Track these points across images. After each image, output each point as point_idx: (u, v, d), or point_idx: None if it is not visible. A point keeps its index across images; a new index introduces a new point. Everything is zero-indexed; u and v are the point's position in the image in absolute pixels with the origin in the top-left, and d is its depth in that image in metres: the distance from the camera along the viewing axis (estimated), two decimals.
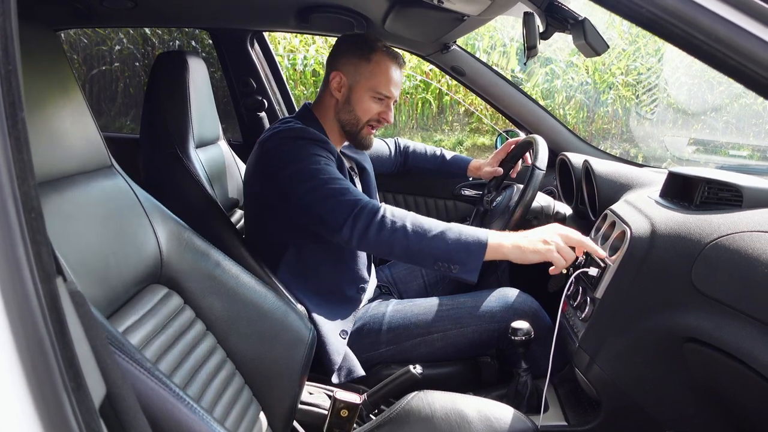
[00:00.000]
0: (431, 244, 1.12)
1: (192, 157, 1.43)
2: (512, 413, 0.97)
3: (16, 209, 0.34)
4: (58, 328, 0.35)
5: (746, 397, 0.85)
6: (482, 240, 1.11)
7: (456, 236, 1.12)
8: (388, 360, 1.33)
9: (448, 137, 5.75)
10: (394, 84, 1.39)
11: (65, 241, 0.74)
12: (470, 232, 1.13)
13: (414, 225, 1.14)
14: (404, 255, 1.14)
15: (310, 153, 1.26)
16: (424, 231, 1.13)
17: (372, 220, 1.15)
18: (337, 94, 1.40)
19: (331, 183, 1.22)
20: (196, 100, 1.49)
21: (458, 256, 1.11)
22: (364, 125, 1.41)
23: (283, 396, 1.00)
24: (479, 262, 1.11)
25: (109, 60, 5.44)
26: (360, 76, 1.37)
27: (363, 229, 1.15)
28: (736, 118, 5.45)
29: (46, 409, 0.32)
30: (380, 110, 1.40)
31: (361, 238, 1.16)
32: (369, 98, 1.38)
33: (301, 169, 1.24)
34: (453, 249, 1.11)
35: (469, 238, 1.12)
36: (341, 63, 1.39)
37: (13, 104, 0.34)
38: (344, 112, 1.40)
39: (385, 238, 1.14)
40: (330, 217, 1.19)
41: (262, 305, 1.02)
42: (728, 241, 0.86)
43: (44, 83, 0.76)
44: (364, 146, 1.45)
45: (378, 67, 1.37)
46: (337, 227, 1.18)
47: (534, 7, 1.09)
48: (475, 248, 1.11)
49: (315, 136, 1.31)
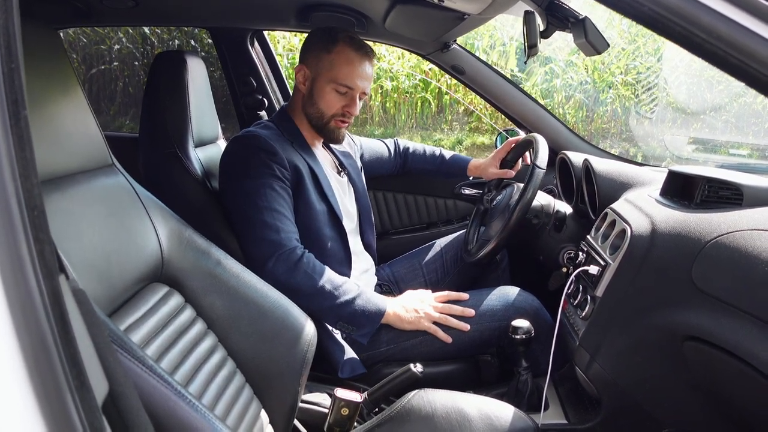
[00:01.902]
0: (341, 307, 1.24)
1: (191, 157, 1.43)
2: (513, 411, 0.97)
3: (19, 207, 0.34)
4: (61, 325, 0.35)
5: (746, 395, 0.85)
6: (382, 308, 1.28)
7: (363, 303, 1.26)
8: (388, 359, 1.33)
9: (448, 136, 5.75)
10: (358, 76, 1.36)
11: (67, 239, 0.74)
12: (375, 300, 1.29)
13: (333, 285, 1.25)
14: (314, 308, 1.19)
15: (259, 168, 1.28)
16: (339, 294, 1.25)
17: (296, 266, 1.23)
18: (303, 88, 1.40)
19: (266, 214, 1.25)
20: (195, 99, 1.49)
21: (358, 320, 1.26)
22: (330, 119, 1.39)
23: (284, 394, 1.00)
24: (374, 328, 1.28)
25: (109, 59, 5.44)
26: (321, 68, 1.36)
27: (284, 272, 1.22)
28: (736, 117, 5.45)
29: (49, 407, 0.32)
30: (344, 103, 1.38)
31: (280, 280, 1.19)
32: (331, 90, 1.36)
33: (243, 187, 1.28)
34: (357, 314, 1.25)
35: (372, 308, 1.27)
36: (306, 56, 1.40)
37: (15, 102, 0.35)
38: (309, 106, 1.40)
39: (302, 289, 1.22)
40: (253, 249, 1.25)
41: (263, 304, 1.02)
42: (728, 240, 0.86)
43: (46, 82, 0.76)
44: (334, 140, 1.45)
45: (338, 58, 1.35)
46: (258, 261, 1.23)
47: (534, 5, 1.09)
48: (374, 316, 1.28)
49: (267, 146, 1.30)
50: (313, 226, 1.35)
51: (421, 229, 2.17)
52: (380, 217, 2.13)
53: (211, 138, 1.65)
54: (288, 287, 1.18)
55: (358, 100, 1.41)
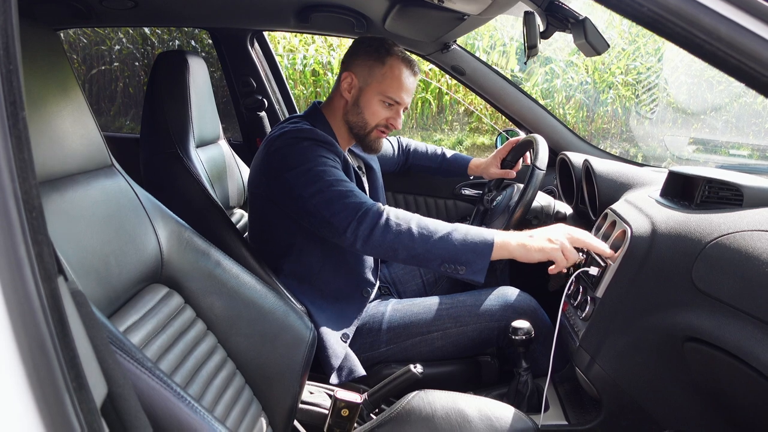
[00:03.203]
0: (438, 246, 1.11)
1: (192, 157, 1.43)
2: (513, 412, 0.97)
3: (17, 209, 0.33)
4: (60, 327, 0.35)
5: (746, 396, 0.85)
6: (488, 240, 1.11)
7: (462, 237, 1.11)
8: (388, 359, 1.33)
9: (448, 137, 5.75)
10: (406, 90, 1.37)
11: (66, 241, 0.74)
12: (476, 232, 1.13)
13: (419, 227, 1.13)
14: (410, 257, 1.13)
15: (317, 155, 1.25)
16: (430, 233, 1.12)
17: (376, 223, 1.14)
18: (347, 95, 1.38)
19: (336, 185, 1.21)
20: (196, 99, 1.49)
21: (465, 257, 1.10)
22: (373, 129, 1.39)
23: (284, 395, 1.00)
24: (486, 263, 1.10)
25: (109, 60, 5.44)
26: (372, 79, 1.35)
27: (367, 231, 1.14)
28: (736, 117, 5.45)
29: (47, 409, 0.32)
30: (389, 116, 1.38)
31: (365, 241, 1.15)
32: (378, 102, 1.36)
33: (306, 170, 1.23)
34: (460, 250, 1.10)
35: (475, 239, 1.11)
36: (355, 64, 1.38)
37: (14, 103, 0.34)
38: (352, 114, 1.38)
39: (390, 241, 1.13)
40: (334, 220, 1.18)
41: (263, 305, 1.02)
42: (729, 241, 0.86)
43: (45, 83, 0.76)
44: (373, 150, 1.43)
45: (391, 71, 1.35)
46: (341, 230, 1.17)
47: (534, 6, 1.09)
48: (481, 248, 1.10)
49: (322, 137, 1.29)
50: None
51: None
52: None
53: (213, 138, 1.65)
54: (376, 244, 1.14)
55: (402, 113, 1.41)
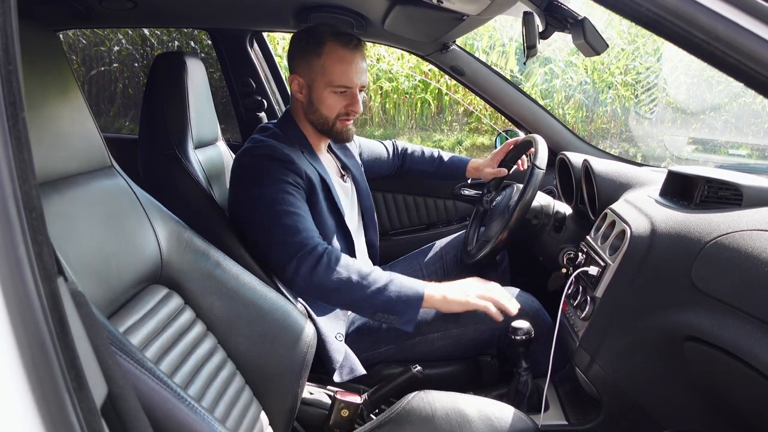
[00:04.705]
0: (374, 297, 1.16)
1: (191, 158, 1.43)
2: (513, 412, 0.97)
3: (17, 209, 0.34)
4: (60, 328, 0.35)
5: (746, 395, 0.85)
6: (420, 292, 1.18)
7: (397, 289, 1.17)
8: (388, 359, 1.33)
9: (448, 137, 5.75)
10: (354, 72, 1.32)
11: (66, 241, 0.74)
12: (409, 285, 1.19)
13: (360, 276, 1.18)
14: (346, 304, 1.17)
15: (274, 177, 1.25)
16: (368, 283, 1.17)
17: (316, 266, 1.17)
18: (300, 97, 1.37)
19: (284, 218, 1.21)
20: (194, 101, 1.49)
21: (398, 307, 1.17)
22: (335, 121, 1.37)
23: (284, 396, 1.00)
24: (416, 314, 1.17)
25: (108, 61, 5.44)
26: (314, 74, 1.32)
27: (308, 271, 1.17)
28: (735, 117, 5.45)
29: (47, 409, 0.32)
30: (346, 103, 1.35)
31: (304, 281, 1.17)
32: (329, 94, 1.33)
33: (261, 194, 1.25)
34: (394, 301, 1.16)
35: (408, 291, 1.18)
36: (295, 64, 1.35)
37: (13, 104, 0.34)
38: (311, 113, 1.37)
39: (329, 286, 1.17)
40: (274, 253, 1.22)
41: (263, 305, 1.02)
42: (728, 240, 0.86)
43: (44, 84, 0.76)
44: (343, 139, 1.42)
45: (329, 60, 1.30)
46: (280, 264, 1.20)
47: (533, 6, 1.09)
48: (413, 301, 1.17)
49: (281, 155, 1.28)
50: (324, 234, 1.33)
51: (421, 230, 2.17)
52: (380, 218, 2.13)
53: (211, 139, 1.65)
54: (314, 287, 1.17)
55: (359, 95, 1.38)
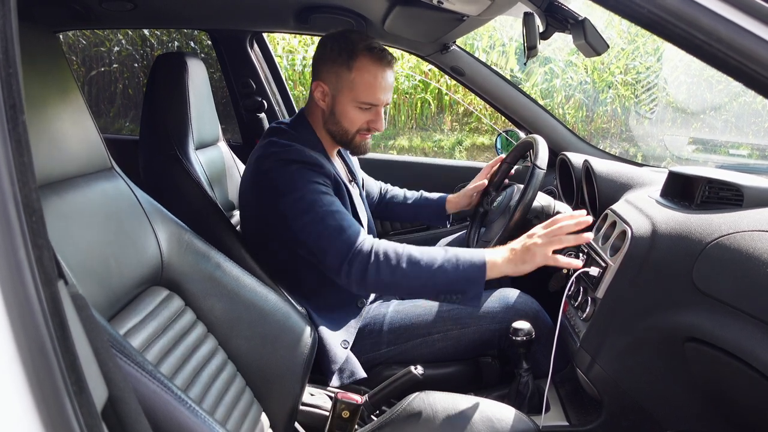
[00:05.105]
0: (432, 280, 1.11)
1: (191, 159, 1.43)
2: (513, 413, 0.97)
3: (17, 212, 0.33)
4: (60, 331, 0.35)
5: (747, 396, 0.85)
6: (478, 264, 1.10)
7: (454, 266, 1.10)
8: (389, 360, 1.33)
9: (448, 137, 5.75)
10: (382, 89, 1.28)
11: (66, 244, 0.74)
12: (467, 257, 1.11)
13: (411, 262, 1.12)
14: (406, 294, 1.13)
15: (307, 180, 1.21)
16: (422, 268, 1.11)
17: (368, 264, 1.13)
18: (322, 104, 1.32)
19: (328, 219, 1.18)
20: (195, 101, 1.49)
21: (459, 286, 1.10)
22: (355, 135, 1.33)
23: (285, 397, 1.00)
24: (480, 289, 1.10)
25: (108, 61, 5.44)
26: (342, 86, 1.27)
27: (360, 274, 1.14)
28: (736, 116, 5.45)
29: (48, 413, 0.32)
30: (369, 118, 1.31)
31: (359, 283, 1.14)
32: (354, 108, 1.29)
33: (298, 198, 1.20)
34: (453, 280, 1.10)
35: (466, 265, 1.10)
36: (322, 71, 1.30)
37: (13, 107, 0.34)
38: (331, 123, 1.33)
39: (384, 281, 1.13)
40: (326, 259, 1.18)
41: (264, 307, 1.01)
42: (729, 241, 0.86)
43: (44, 85, 0.76)
44: (361, 152, 1.39)
45: (360, 76, 1.26)
46: (334, 270, 1.16)
47: (534, 7, 1.09)
48: (474, 275, 1.09)
49: (310, 159, 1.24)
50: None
51: (422, 230, 2.17)
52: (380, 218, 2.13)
53: (212, 140, 1.65)
54: (369, 287, 1.15)
55: (383, 112, 1.33)
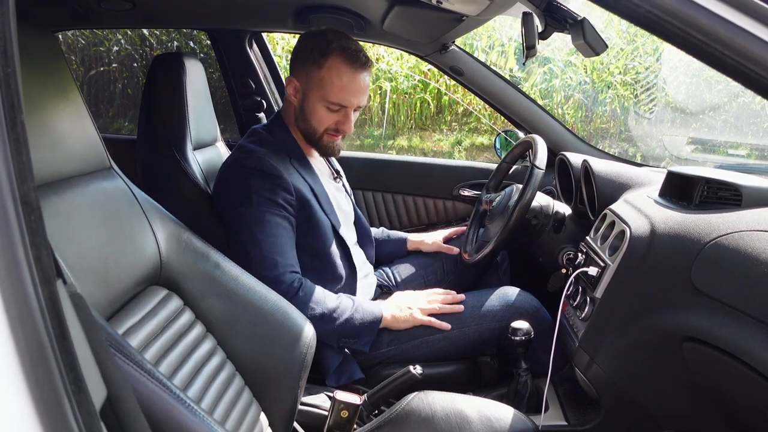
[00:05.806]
0: (341, 326, 1.25)
1: (189, 159, 1.43)
2: (512, 413, 0.97)
3: (15, 211, 0.33)
4: (59, 330, 0.34)
5: (745, 396, 0.85)
6: (378, 317, 1.29)
7: (360, 317, 1.27)
8: (388, 360, 1.33)
9: (447, 137, 5.75)
10: (352, 92, 1.27)
11: (64, 243, 0.74)
12: (370, 309, 1.30)
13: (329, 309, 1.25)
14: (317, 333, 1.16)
15: (259, 197, 1.24)
16: (338, 315, 1.25)
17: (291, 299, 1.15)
18: (294, 101, 1.33)
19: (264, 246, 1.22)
20: (193, 101, 1.49)
21: (359, 332, 1.27)
22: (323, 134, 1.33)
23: (284, 397, 1.00)
24: (374, 336, 1.29)
25: (107, 61, 5.43)
26: (312, 84, 1.28)
27: None
28: (735, 117, 5.45)
29: (46, 413, 0.32)
30: (337, 119, 1.30)
31: None
32: (322, 107, 1.28)
33: (243, 214, 1.25)
34: (357, 328, 1.27)
35: (369, 317, 1.28)
36: (296, 68, 1.31)
37: (12, 107, 0.34)
38: (301, 121, 1.34)
39: None
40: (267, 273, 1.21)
41: (262, 306, 1.01)
42: (728, 241, 0.86)
43: (43, 85, 0.76)
44: (329, 153, 1.40)
45: (329, 75, 1.25)
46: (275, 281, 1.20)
47: (533, 7, 1.09)
48: (373, 325, 1.29)
49: (270, 169, 1.25)
50: (320, 246, 1.34)
51: (421, 230, 2.17)
52: (380, 219, 2.13)
53: (210, 140, 1.65)
54: None
55: (353, 115, 1.33)
